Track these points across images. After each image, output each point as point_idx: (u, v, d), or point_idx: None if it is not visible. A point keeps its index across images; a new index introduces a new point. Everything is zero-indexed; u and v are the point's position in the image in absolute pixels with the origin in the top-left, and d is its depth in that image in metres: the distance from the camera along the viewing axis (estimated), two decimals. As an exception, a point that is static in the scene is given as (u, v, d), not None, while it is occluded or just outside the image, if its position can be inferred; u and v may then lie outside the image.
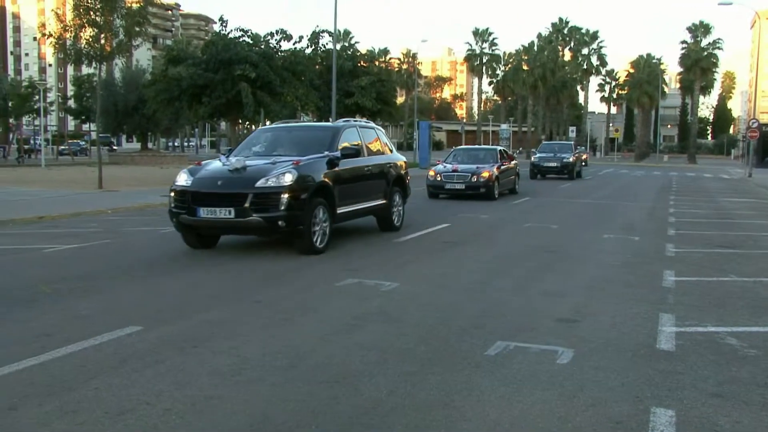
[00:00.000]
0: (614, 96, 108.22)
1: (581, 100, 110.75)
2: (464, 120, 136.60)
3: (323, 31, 42.21)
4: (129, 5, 26.71)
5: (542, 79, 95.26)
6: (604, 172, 51.12)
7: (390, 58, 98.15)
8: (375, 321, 7.30)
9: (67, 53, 26.72)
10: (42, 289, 8.80)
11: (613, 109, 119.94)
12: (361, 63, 44.59)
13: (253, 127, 70.52)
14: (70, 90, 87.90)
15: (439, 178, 23.85)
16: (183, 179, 11.72)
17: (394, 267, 10.67)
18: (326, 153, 12.45)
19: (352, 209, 13.14)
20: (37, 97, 71.82)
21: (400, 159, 15.72)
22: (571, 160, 37.53)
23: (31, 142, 76.29)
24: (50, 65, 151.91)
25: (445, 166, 24.55)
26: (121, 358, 5.98)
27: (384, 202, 14.36)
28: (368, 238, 13.86)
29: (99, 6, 24.97)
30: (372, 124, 15.58)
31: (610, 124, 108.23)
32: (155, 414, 4.81)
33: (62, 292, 8.67)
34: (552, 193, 27.72)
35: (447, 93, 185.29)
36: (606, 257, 11.99)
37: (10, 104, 71.77)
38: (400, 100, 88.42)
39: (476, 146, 38.23)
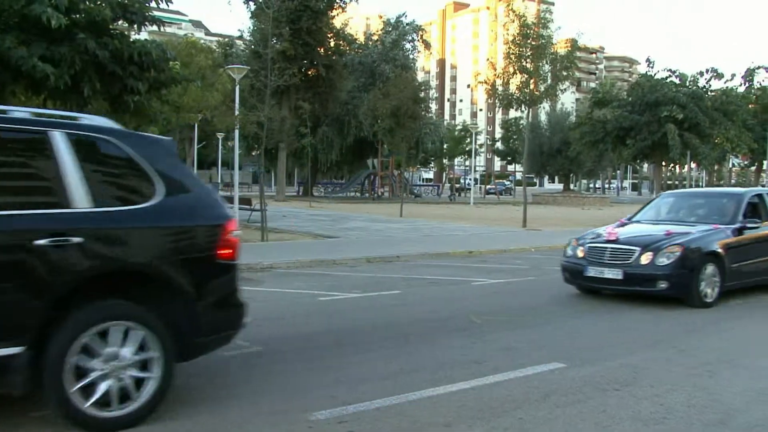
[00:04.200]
0: None
1: None
2: None
3: (759, 68, 39.71)
4: (556, 51, 27.52)
5: None
6: None
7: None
8: (817, 384, 6.65)
9: (499, 98, 28.22)
10: (472, 319, 9.40)
11: None
12: (803, 100, 40.96)
13: (678, 169, 68.29)
14: (498, 133, 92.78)
15: (580, 255, 11.52)
16: None
17: (839, 326, 9.59)
18: None
19: None
20: (468, 139, 76.88)
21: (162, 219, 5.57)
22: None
23: (462, 181, 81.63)
24: (481, 110, 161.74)
25: (607, 232, 11.81)
26: (545, 393, 6.16)
27: None
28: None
29: (529, 53, 26.06)
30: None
31: None
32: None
33: (491, 323, 9.17)
34: None
35: None
36: None
37: (445, 146, 77.73)
38: None
39: (704, 189, 19.47)
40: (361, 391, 6.07)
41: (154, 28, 19.29)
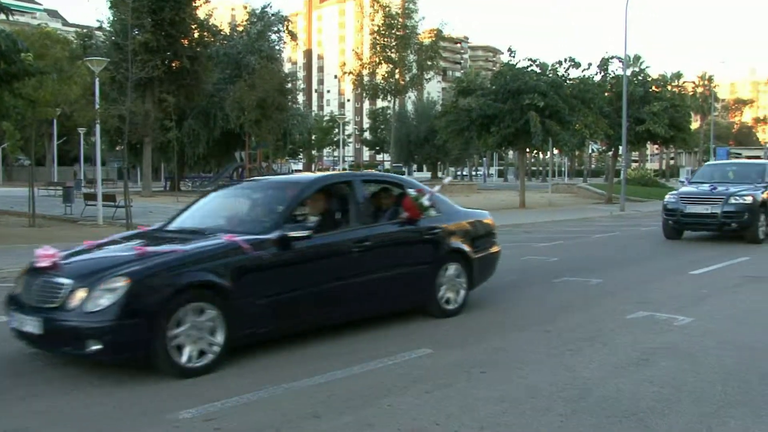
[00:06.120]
0: None
1: None
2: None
3: (613, 57, 41.35)
4: (421, 41, 27.87)
5: None
6: None
7: (684, 82, 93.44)
8: (667, 357, 6.99)
9: (365, 88, 28.39)
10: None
11: None
12: (653, 88, 43.01)
13: (541, 155, 70.55)
14: (366, 123, 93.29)
15: None
16: None
17: (689, 301, 10.10)
18: None
19: None
20: (336, 130, 76.99)
21: None
22: (748, 200, 17.37)
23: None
24: (348, 100, 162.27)
25: (39, 254, 6.79)
26: (413, 379, 6.23)
27: None
28: (661, 270, 13.29)
29: (394, 44, 26.34)
30: None
31: None
32: (445, 435, 4.95)
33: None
34: None
35: (748, 116, 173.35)
36: None
37: (313, 137, 77.68)
38: (694, 125, 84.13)
39: (271, 178, 11.83)
40: (229, 387, 5.97)
41: (3, 17, 18.31)
